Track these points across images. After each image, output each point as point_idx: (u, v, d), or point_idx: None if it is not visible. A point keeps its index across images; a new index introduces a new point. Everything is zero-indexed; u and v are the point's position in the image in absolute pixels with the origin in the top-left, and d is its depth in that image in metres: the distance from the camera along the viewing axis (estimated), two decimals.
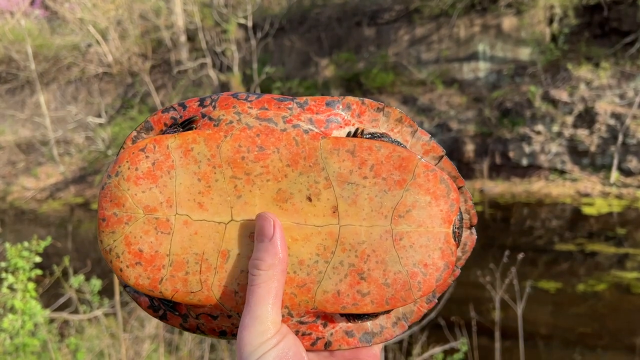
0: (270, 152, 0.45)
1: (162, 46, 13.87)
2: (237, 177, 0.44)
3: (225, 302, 0.44)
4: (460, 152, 10.20)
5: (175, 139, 0.44)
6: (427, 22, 11.16)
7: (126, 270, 0.44)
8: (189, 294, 0.44)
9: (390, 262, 0.44)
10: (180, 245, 0.44)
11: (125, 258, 0.43)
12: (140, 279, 0.44)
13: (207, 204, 0.44)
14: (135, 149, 0.44)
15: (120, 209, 0.44)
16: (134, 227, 0.43)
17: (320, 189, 0.45)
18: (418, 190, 0.45)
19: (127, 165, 0.44)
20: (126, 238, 0.43)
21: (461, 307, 4.54)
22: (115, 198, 0.44)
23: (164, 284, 0.44)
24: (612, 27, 10.00)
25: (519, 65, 10.42)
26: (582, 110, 9.42)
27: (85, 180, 13.20)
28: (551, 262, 6.75)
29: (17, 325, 2.08)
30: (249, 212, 0.44)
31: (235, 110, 0.46)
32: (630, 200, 8.45)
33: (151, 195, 0.44)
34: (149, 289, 0.44)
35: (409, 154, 0.45)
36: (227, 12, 12.79)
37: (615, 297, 5.60)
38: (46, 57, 14.51)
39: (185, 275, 0.44)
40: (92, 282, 3.25)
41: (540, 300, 5.42)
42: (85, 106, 14.21)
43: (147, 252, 0.43)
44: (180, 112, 0.48)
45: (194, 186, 0.44)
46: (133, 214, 0.44)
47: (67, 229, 10.27)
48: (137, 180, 0.44)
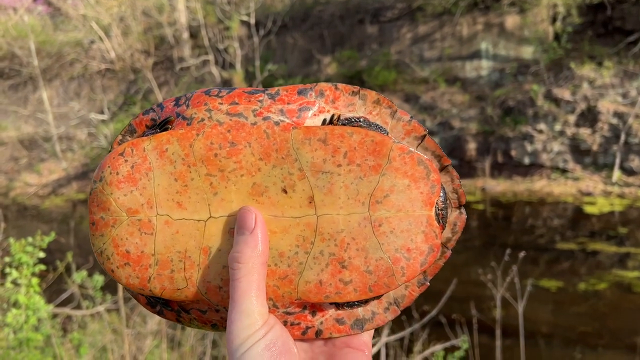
0: (242, 147, 0.44)
1: (164, 43, 13.87)
2: (211, 175, 0.45)
3: (211, 297, 0.45)
4: (462, 151, 10.20)
5: (151, 141, 0.45)
6: (430, 20, 11.15)
7: (117, 271, 0.45)
8: (176, 291, 0.45)
9: (371, 249, 0.44)
10: (164, 245, 0.45)
11: (115, 259, 0.45)
12: (131, 279, 0.45)
13: (185, 202, 0.45)
14: (115, 153, 0.46)
15: (106, 212, 0.45)
16: (119, 229, 0.45)
17: (294, 180, 0.44)
18: (395, 174, 0.44)
19: (108, 170, 0.45)
20: (114, 240, 0.45)
21: (462, 305, 4.55)
22: (101, 202, 0.45)
23: (152, 283, 0.45)
24: (615, 26, 9.98)
25: (522, 64, 10.41)
26: (585, 109, 9.41)
27: (88, 176, 13.21)
28: (552, 260, 6.75)
29: (20, 320, 2.09)
30: (226, 209, 0.45)
31: (207, 107, 0.46)
32: (632, 199, 8.45)
33: (132, 198, 0.45)
34: (139, 288, 0.45)
35: (382, 138, 0.44)
36: (229, 9, 12.78)
37: (617, 296, 5.60)
38: (49, 53, 14.52)
39: (170, 273, 0.45)
40: (95, 278, 3.26)
41: (541, 298, 5.43)
42: (87, 102, 14.23)
43: (134, 253, 0.45)
44: (159, 112, 0.49)
45: (171, 186, 0.45)
46: (117, 217, 0.45)
47: (69, 225, 10.30)
48: (118, 184, 0.45)
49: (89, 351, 2.57)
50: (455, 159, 10.32)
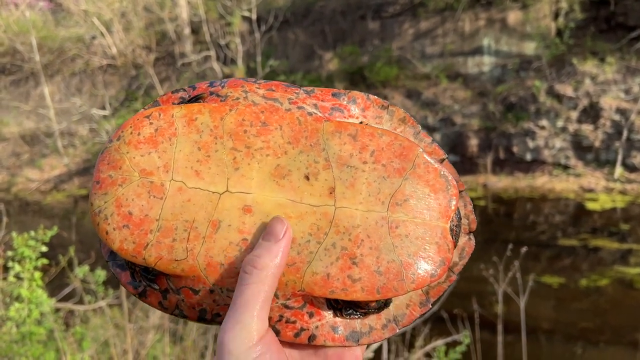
0: (273, 128, 0.45)
1: (166, 38, 13.86)
2: (237, 150, 0.44)
3: (210, 274, 0.43)
4: (464, 147, 10.19)
5: (181, 109, 0.45)
6: (432, 16, 11.12)
7: (112, 233, 0.43)
8: (173, 262, 0.43)
9: (384, 249, 0.43)
10: (171, 211, 0.43)
11: (114, 220, 0.43)
12: (125, 243, 0.43)
13: (204, 172, 0.43)
14: (140, 115, 0.45)
15: (117, 171, 0.43)
16: (127, 189, 0.43)
17: (319, 168, 0.44)
18: (417, 180, 0.45)
19: (129, 130, 0.44)
20: (117, 200, 0.43)
21: (464, 301, 4.55)
22: (113, 161, 0.44)
23: (148, 250, 0.43)
24: (618, 21, 9.95)
25: (524, 60, 10.38)
26: (587, 105, 9.39)
27: (89, 172, 13.23)
28: (554, 257, 6.76)
29: (23, 313, 2.10)
30: (244, 185, 0.44)
31: (243, 89, 0.46)
32: (634, 195, 8.44)
33: (149, 160, 0.43)
34: (132, 254, 0.43)
35: (410, 144, 0.46)
36: (231, 4, 12.76)
37: (618, 293, 5.60)
38: (50, 49, 14.52)
39: (171, 242, 0.43)
40: (97, 273, 3.27)
41: (543, 294, 5.43)
42: (89, 98, 14.23)
43: (137, 215, 0.43)
44: (189, 92, 0.49)
45: (193, 154, 0.44)
46: (128, 176, 0.43)
47: (70, 221, 10.31)
48: (137, 144, 0.44)
49: (91, 345, 2.58)
50: (457, 155, 10.31)
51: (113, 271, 0.47)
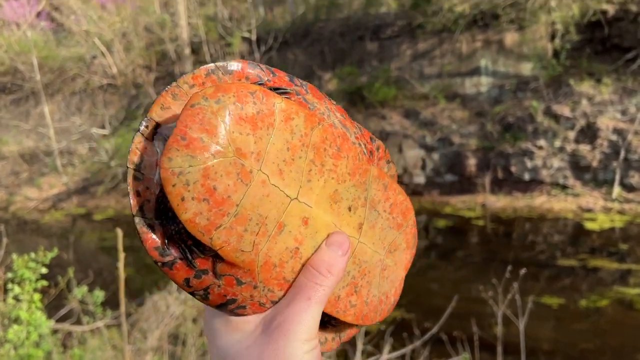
0: (343, 156, 0.47)
1: (166, 58, 13.97)
2: (314, 163, 0.45)
3: (262, 272, 0.44)
4: (462, 166, 10.22)
5: (282, 102, 0.44)
6: (430, 37, 11.24)
7: (189, 202, 0.39)
8: (237, 252, 0.42)
9: (374, 285, 0.51)
10: (251, 202, 0.42)
11: (195, 189, 0.39)
12: (199, 217, 0.40)
13: (285, 173, 0.43)
14: (244, 88, 0.43)
15: (211, 137, 0.40)
16: (219, 162, 0.40)
17: (358, 204, 0.49)
18: (405, 237, 0.55)
19: (233, 98, 0.42)
20: (205, 170, 0.40)
21: (463, 322, 4.53)
22: (208, 124, 0.40)
23: (219, 232, 0.41)
24: (613, 43, 10.06)
25: (521, 81, 10.47)
26: (584, 125, 9.45)
27: (88, 191, 13.23)
28: (553, 277, 6.74)
29: (22, 336, 2.09)
30: (309, 198, 0.45)
31: (325, 105, 0.48)
32: (632, 215, 8.45)
33: (246, 141, 0.41)
34: (201, 231, 0.40)
35: (411, 206, 0.55)
36: (231, 25, 12.89)
37: (618, 314, 5.58)
38: (51, 68, 14.61)
39: (243, 231, 0.42)
40: (96, 294, 3.26)
41: (543, 315, 5.41)
42: (89, 117, 14.29)
43: (220, 194, 0.40)
44: (268, 75, 0.48)
45: (282, 153, 0.43)
46: (223, 149, 0.40)
47: (69, 240, 10.28)
48: (239, 119, 0.41)
49: None
50: (455, 174, 10.34)
51: (138, 229, 0.43)
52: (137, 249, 9.63)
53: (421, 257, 8.29)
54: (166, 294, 4.10)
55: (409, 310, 5.86)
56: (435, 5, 10.99)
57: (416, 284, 6.90)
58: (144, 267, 8.52)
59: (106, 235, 10.65)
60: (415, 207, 6.23)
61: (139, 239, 0.42)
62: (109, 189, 12.84)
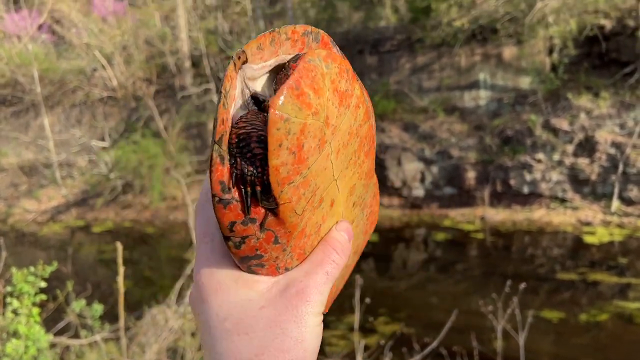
0: (370, 157, 0.50)
1: (166, 71, 14.04)
2: (355, 155, 0.47)
3: (297, 238, 0.44)
4: (461, 179, 10.23)
5: (359, 88, 0.45)
6: (429, 51, 11.31)
7: (283, 150, 0.39)
8: (292, 212, 0.42)
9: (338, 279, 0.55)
10: (317, 169, 0.42)
11: (292, 140, 0.39)
12: (283, 168, 0.40)
13: (340, 155, 0.45)
14: (345, 64, 0.43)
15: (316, 97, 0.40)
16: (313, 123, 0.40)
17: (358, 204, 0.52)
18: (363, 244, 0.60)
19: (336, 69, 0.42)
20: (304, 125, 0.39)
21: (463, 336, 4.51)
22: (317, 83, 0.40)
23: (289, 188, 0.41)
24: (611, 57, 10.13)
25: (520, 94, 10.53)
26: (583, 139, 9.48)
27: (87, 203, 13.21)
28: (553, 291, 6.72)
29: (20, 350, 2.08)
30: (341, 184, 0.47)
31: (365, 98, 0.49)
32: (631, 229, 8.45)
33: (333, 113, 0.42)
34: (278, 181, 0.40)
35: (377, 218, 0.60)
36: (231, 39, 12.97)
37: (618, 328, 5.56)
38: (52, 80, 14.67)
39: (302, 195, 0.42)
40: (94, 307, 3.24)
41: (543, 329, 5.39)
42: (89, 129, 14.32)
43: (304, 152, 0.40)
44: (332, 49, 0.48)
45: (344, 135, 0.44)
46: (320, 112, 0.41)
47: (67, 252, 10.26)
48: (334, 90, 0.42)
49: None
50: (454, 187, 10.35)
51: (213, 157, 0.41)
52: (136, 261, 9.60)
53: (420, 270, 8.27)
54: (165, 307, 4.08)
55: (408, 324, 5.84)
56: (434, 20, 11.08)
57: (415, 298, 6.87)
58: (142, 280, 8.49)
59: (105, 248, 10.63)
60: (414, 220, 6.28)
61: (209, 168, 0.41)
62: (108, 201, 12.83)
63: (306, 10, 13.98)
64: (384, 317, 6.02)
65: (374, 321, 5.86)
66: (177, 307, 4.02)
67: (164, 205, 12.20)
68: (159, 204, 12.06)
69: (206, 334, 0.44)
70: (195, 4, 14.08)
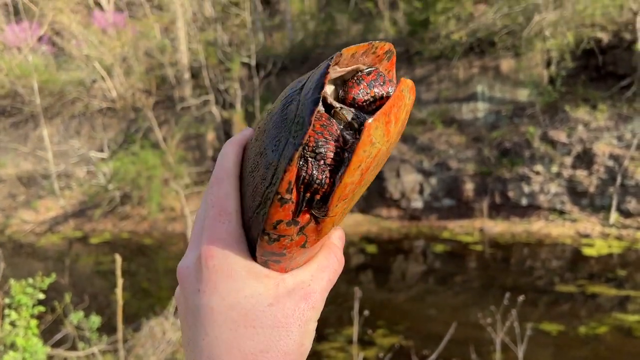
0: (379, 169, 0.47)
1: (166, 83, 14.09)
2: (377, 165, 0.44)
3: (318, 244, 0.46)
4: (459, 191, 10.24)
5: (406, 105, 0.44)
6: (427, 63, 11.37)
7: (357, 170, 0.40)
8: (332, 225, 0.43)
9: None
10: (360, 189, 0.43)
11: (367, 162, 0.40)
12: (350, 186, 0.41)
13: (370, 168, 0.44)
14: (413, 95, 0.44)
15: (394, 126, 0.41)
16: (384, 149, 0.41)
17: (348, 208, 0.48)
18: None
19: (412, 102, 0.43)
20: (379, 151, 0.41)
21: (461, 349, 4.49)
22: (399, 113, 0.42)
23: (342, 203, 0.42)
24: (608, 70, 10.20)
25: (518, 106, 10.57)
26: (581, 151, 9.51)
27: (85, 214, 13.19)
28: (552, 303, 6.71)
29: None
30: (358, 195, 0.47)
31: None
32: (630, 241, 8.45)
33: (394, 140, 0.43)
34: (339, 196, 0.41)
35: None
36: (231, 51, 13.04)
37: (617, 341, 5.54)
38: (51, 91, 14.71)
39: (345, 209, 0.43)
40: (92, 319, 3.23)
41: (542, 342, 5.37)
42: (87, 140, 14.33)
43: (367, 174, 0.41)
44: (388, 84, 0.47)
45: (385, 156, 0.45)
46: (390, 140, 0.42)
47: (64, 263, 10.22)
48: (404, 120, 0.43)
49: None
50: (453, 199, 10.36)
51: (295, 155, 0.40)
52: (134, 273, 9.57)
53: (419, 282, 8.25)
54: (162, 319, 4.07)
55: (407, 336, 5.81)
56: (432, 33, 11.15)
57: (414, 310, 6.85)
58: (140, 292, 8.45)
59: (102, 259, 10.60)
60: (413, 232, 6.28)
61: (285, 162, 0.40)
62: (106, 212, 12.81)
63: (305, 22, 14.07)
64: (383, 329, 6.00)
65: (372, 333, 5.83)
66: (175, 319, 4.00)
67: (162, 217, 12.18)
68: (157, 215, 12.04)
69: (205, 317, 0.43)
70: (195, 16, 14.16)
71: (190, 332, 0.44)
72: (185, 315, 0.45)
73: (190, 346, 0.44)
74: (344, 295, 6.25)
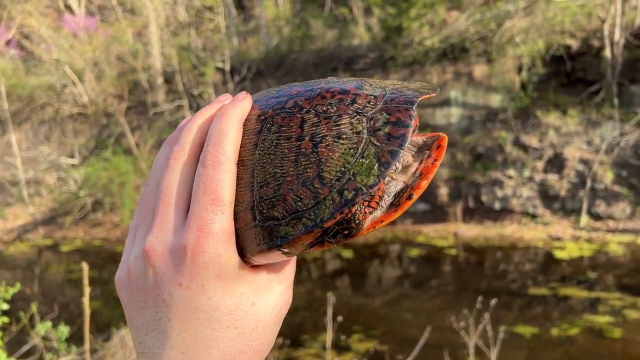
0: None
1: (138, 88, 13.91)
2: None
3: None
4: (434, 196, 10.32)
5: None
6: (401, 69, 11.46)
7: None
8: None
9: None
10: None
11: None
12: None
13: None
14: None
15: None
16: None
17: None
18: None
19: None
20: None
21: (436, 352, 4.51)
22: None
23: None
24: (577, 76, 10.41)
25: (490, 112, 10.71)
26: (552, 155, 9.68)
27: (55, 221, 12.91)
28: (525, 306, 6.78)
29: None
30: None
31: None
32: (600, 244, 8.61)
33: None
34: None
35: None
36: (205, 55, 12.94)
37: (589, 342, 5.63)
38: (20, 96, 14.39)
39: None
40: (60, 329, 3.14)
41: (515, 345, 5.42)
42: (58, 146, 14.04)
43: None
44: None
45: None
46: None
47: (34, 272, 9.98)
48: None
49: None
50: (427, 203, 10.42)
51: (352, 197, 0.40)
52: (105, 281, 9.38)
53: (395, 286, 8.27)
54: None
55: (382, 341, 5.81)
56: (406, 39, 11.25)
57: (390, 314, 6.86)
58: (112, 300, 8.29)
59: (73, 267, 10.37)
60: (389, 237, 6.29)
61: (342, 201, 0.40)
62: (77, 219, 12.56)
63: (280, 27, 14.07)
64: (359, 334, 5.99)
65: (348, 339, 5.81)
66: None
67: None
68: (129, 222, 11.83)
69: (185, 313, 0.40)
70: (168, 20, 14.03)
71: (154, 316, 0.41)
72: (148, 296, 0.41)
73: (153, 332, 0.41)
74: (320, 301, 6.22)
